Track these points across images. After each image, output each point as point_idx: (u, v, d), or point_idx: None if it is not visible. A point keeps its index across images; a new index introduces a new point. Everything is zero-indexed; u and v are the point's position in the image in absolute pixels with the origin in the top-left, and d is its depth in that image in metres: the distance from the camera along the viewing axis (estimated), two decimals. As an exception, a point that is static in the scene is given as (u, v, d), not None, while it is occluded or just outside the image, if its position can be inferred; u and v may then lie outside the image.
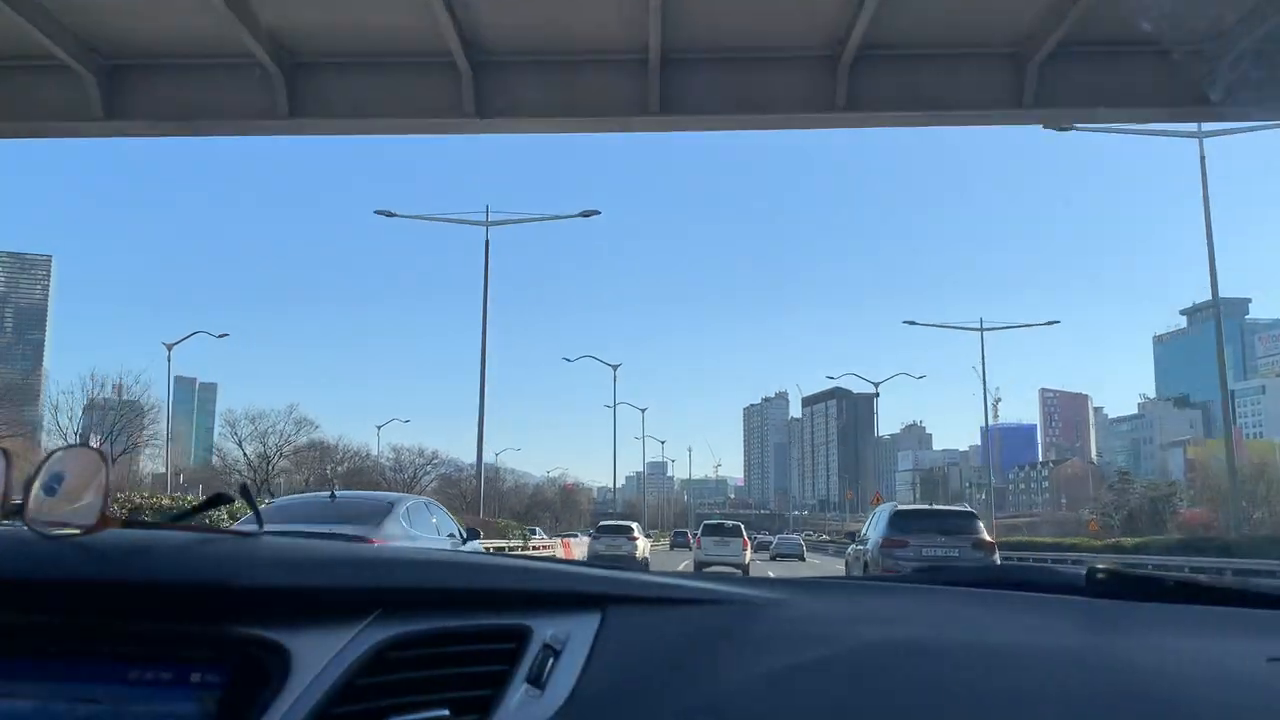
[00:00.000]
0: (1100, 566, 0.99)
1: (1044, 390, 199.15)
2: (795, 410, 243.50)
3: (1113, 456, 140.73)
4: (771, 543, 39.40)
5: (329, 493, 9.03)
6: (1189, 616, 0.84)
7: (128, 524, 0.72)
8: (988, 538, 12.50)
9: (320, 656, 0.63)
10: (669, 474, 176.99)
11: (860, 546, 14.16)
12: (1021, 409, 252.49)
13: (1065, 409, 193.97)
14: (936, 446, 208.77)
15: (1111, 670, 0.70)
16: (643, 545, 26.10)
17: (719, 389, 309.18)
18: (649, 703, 0.65)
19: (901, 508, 14.10)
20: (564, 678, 0.67)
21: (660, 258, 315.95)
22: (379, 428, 68.29)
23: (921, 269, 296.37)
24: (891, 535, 12.37)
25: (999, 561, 12.43)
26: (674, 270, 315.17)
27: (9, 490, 0.72)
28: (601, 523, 30.29)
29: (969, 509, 15.17)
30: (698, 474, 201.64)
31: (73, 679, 0.64)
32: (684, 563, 24.85)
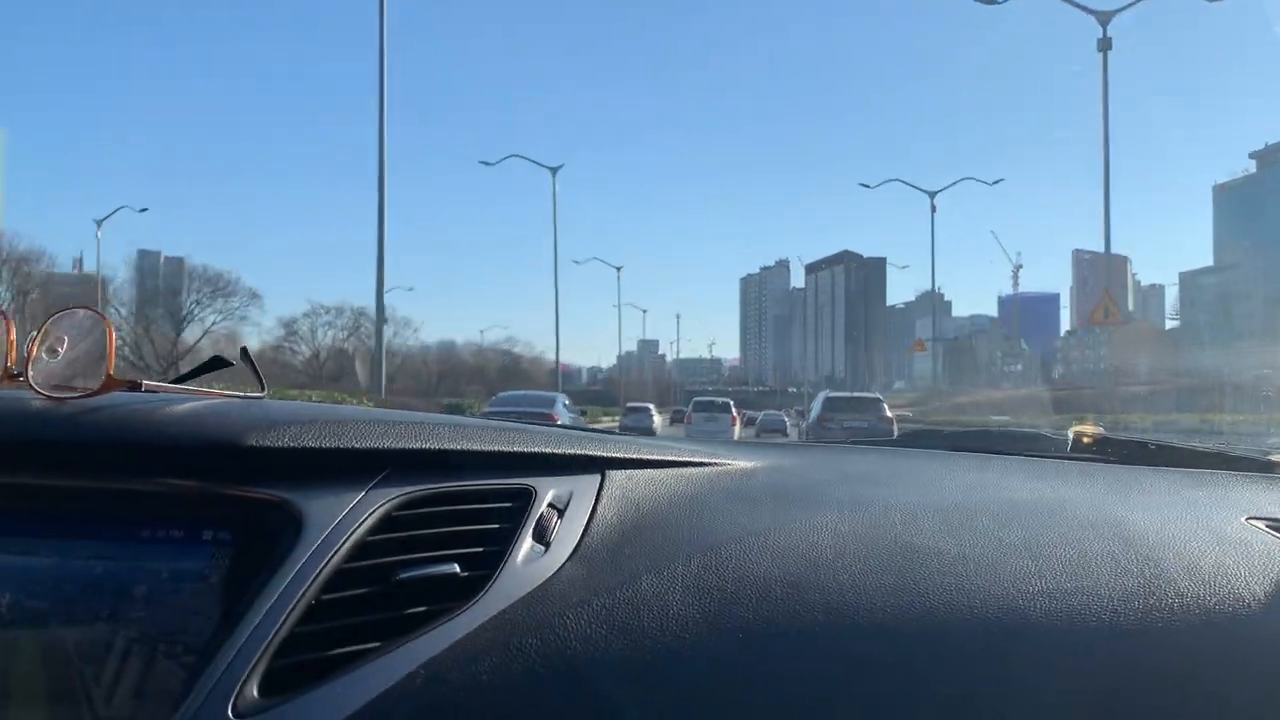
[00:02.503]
0: (1086, 430, 1.00)
1: (1078, 252, 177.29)
2: (798, 280, 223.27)
3: (1191, 318, 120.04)
4: (757, 418, 39.78)
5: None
6: (1173, 479, 0.88)
7: (132, 386, 0.71)
8: (889, 414, 17.51)
9: (330, 515, 0.63)
10: (659, 352, 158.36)
11: (804, 422, 22.79)
12: (1045, 277, 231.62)
13: (1101, 273, 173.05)
14: (956, 314, 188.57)
15: (1111, 528, 0.72)
16: (658, 421, 32.00)
17: (714, 261, 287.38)
18: (650, 555, 0.67)
19: (830, 395, 21.08)
20: (567, 535, 0.68)
21: (639, 115, 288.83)
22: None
23: (942, 125, 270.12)
24: (822, 414, 17.70)
25: (895, 432, 15.29)
26: (655, 128, 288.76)
27: (12, 355, 0.71)
28: (629, 405, 35.26)
29: (877, 395, 20.99)
30: (692, 352, 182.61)
31: (88, 537, 0.65)
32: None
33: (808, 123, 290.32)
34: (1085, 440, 1.07)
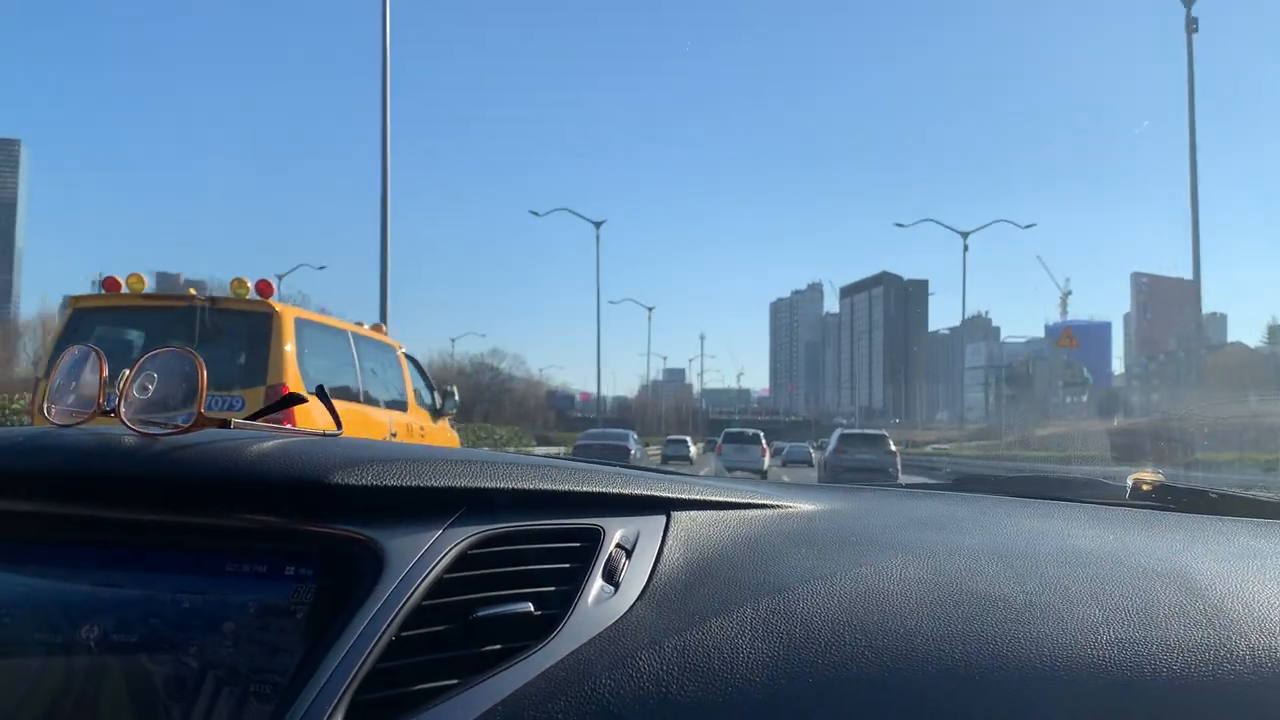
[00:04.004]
0: (1146, 476, 0.99)
1: (1137, 275, 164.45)
2: (831, 305, 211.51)
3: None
4: (784, 449, 41.71)
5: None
6: (1238, 528, 0.86)
7: (223, 424, 0.74)
8: (893, 449, 20.61)
9: (410, 553, 0.64)
10: (686, 380, 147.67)
11: (822, 454, 23.48)
12: (1095, 303, 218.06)
13: (1164, 297, 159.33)
14: (1005, 339, 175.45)
15: (1178, 578, 0.72)
16: (694, 450, 37.69)
17: (742, 289, 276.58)
18: (718, 597, 0.67)
19: (844, 432, 22.61)
20: (636, 575, 0.69)
21: (673, 135, 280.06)
22: (453, 340, 58.63)
23: (984, 150, 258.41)
24: (837, 447, 20.40)
25: (899, 465, 20.22)
26: (690, 151, 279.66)
27: (103, 391, 0.73)
28: (669, 437, 42.56)
29: (883, 432, 22.79)
30: (720, 382, 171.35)
31: (175, 571, 0.67)
32: (705, 469, 26.30)
33: (840, 147, 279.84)
34: (1144, 487, 1.05)
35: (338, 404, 3.37)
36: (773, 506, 0.83)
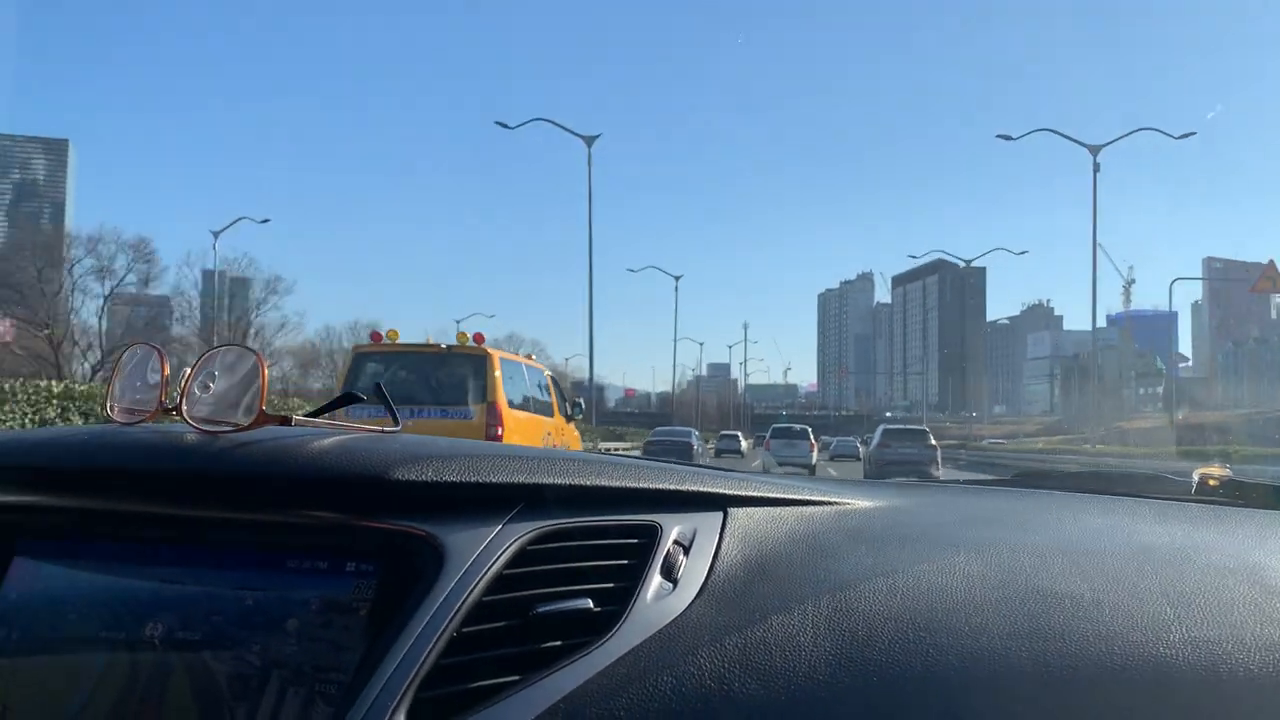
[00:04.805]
0: (1213, 471, 0.98)
1: (1209, 260, 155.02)
2: (882, 295, 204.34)
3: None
4: (831, 444, 41.77)
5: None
6: None
7: (284, 421, 0.75)
8: (933, 443, 20.46)
9: (470, 549, 0.65)
10: (730, 376, 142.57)
11: (867, 448, 25.00)
12: (1155, 294, 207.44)
13: (1239, 283, 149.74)
14: (1069, 328, 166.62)
15: (1250, 575, 0.71)
16: (745, 445, 39.89)
17: (789, 283, 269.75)
18: (778, 594, 0.67)
19: (886, 427, 23.23)
20: (694, 572, 0.69)
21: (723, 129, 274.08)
22: (459, 322, 61.00)
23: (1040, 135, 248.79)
24: (881, 441, 20.92)
25: (939, 459, 20.36)
26: (736, 145, 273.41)
27: (165, 390, 0.75)
28: (722, 432, 44.57)
29: (924, 428, 23.01)
30: (767, 377, 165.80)
31: (237, 568, 0.68)
32: (755, 462, 28.36)
33: (883, 134, 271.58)
34: (1211, 483, 1.04)
35: (517, 414, 8.82)
36: (830, 503, 0.82)
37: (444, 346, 9.35)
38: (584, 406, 13.01)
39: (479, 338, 9.42)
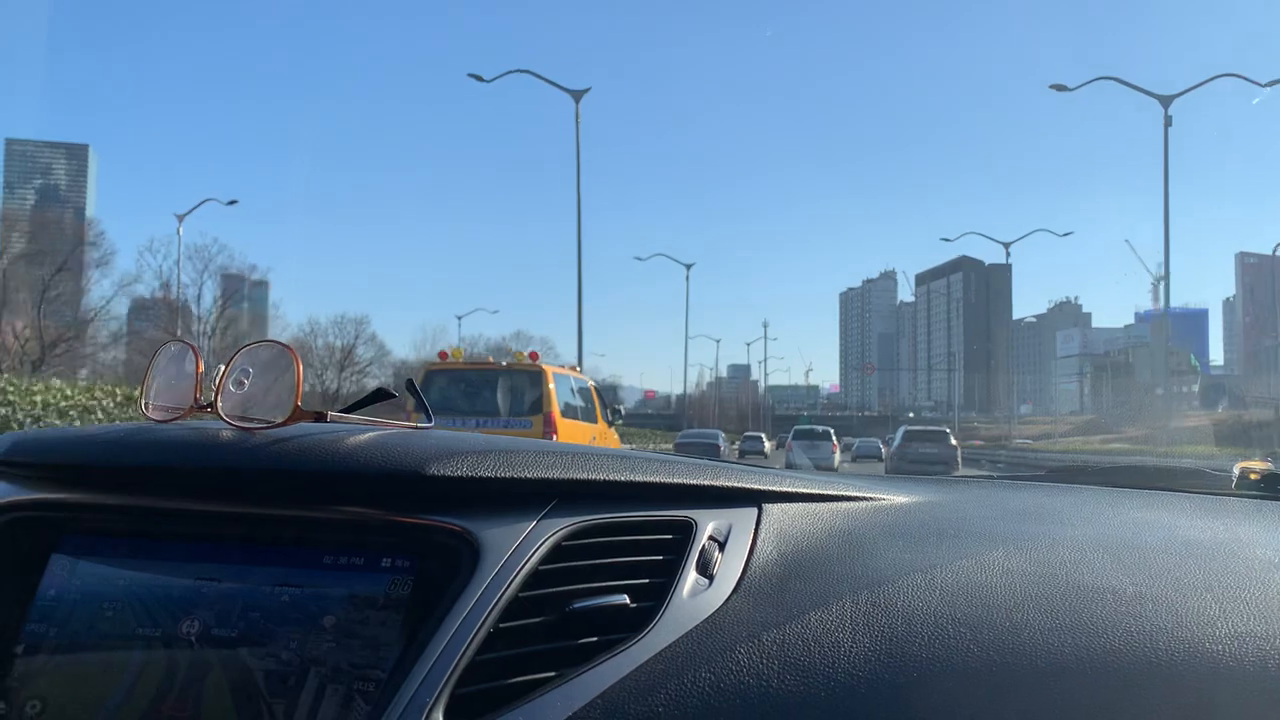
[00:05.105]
0: (1254, 465, 0.98)
1: (1243, 255, 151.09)
2: (905, 294, 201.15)
3: None
4: (854, 445, 41.36)
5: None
6: None
7: (318, 417, 0.75)
8: (954, 443, 21.63)
9: (506, 544, 0.65)
10: (752, 377, 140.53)
11: (888, 448, 25.30)
12: (1189, 290, 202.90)
13: (1271, 280, 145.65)
14: (1098, 325, 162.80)
15: None
16: (768, 446, 40.33)
17: (811, 283, 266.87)
18: (815, 591, 0.66)
19: (908, 428, 23.91)
20: (730, 568, 0.69)
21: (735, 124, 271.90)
22: (460, 318, 62.65)
23: (1062, 135, 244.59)
24: (902, 441, 21.68)
25: (959, 459, 21.17)
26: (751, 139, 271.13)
27: (199, 387, 0.75)
28: (746, 434, 43.94)
29: (944, 429, 23.85)
30: (789, 379, 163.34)
31: (273, 564, 0.68)
32: (778, 464, 27.61)
33: (903, 133, 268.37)
34: (1252, 476, 1.03)
35: (568, 422, 10.19)
36: (865, 499, 0.82)
37: (504, 364, 10.70)
38: (622, 412, 14.90)
39: (534, 355, 10.74)
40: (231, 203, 44.51)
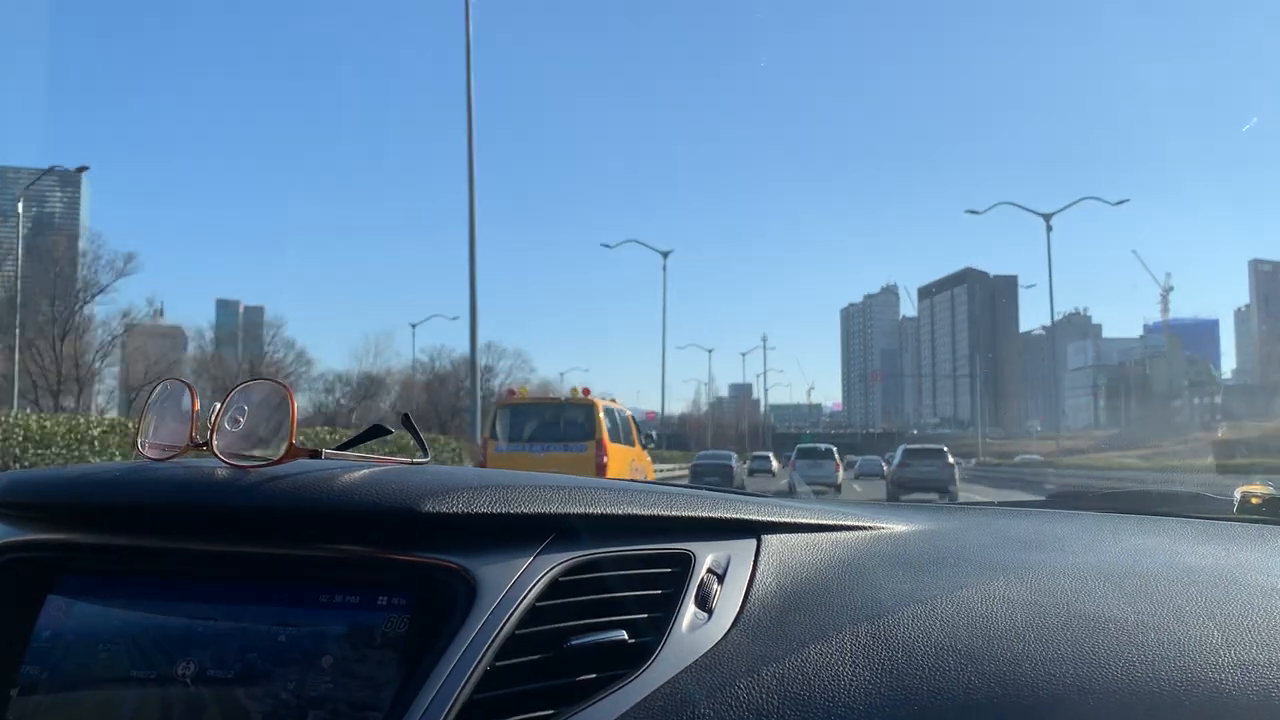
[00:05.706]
0: (1255, 490, 0.96)
1: (1256, 262, 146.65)
2: (908, 309, 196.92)
3: None
4: (856, 463, 40.43)
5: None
6: None
7: (313, 454, 0.74)
8: (951, 461, 21.59)
9: (503, 581, 0.64)
10: (754, 396, 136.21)
11: (889, 466, 25.13)
12: (1198, 301, 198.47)
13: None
14: (1108, 336, 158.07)
15: None
16: (776, 465, 39.16)
17: (811, 299, 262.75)
18: (814, 623, 0.66)
19: (906, 446, 23.87)
20: (729, 601, 0.68)
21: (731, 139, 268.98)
22: (413, 326, 60.89)
23: (1070, 143, 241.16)
24: (901, 460, 21.99)
25: (956, 476, 21.10)
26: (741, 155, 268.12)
27: (195, 425, 0.75)
28: (754, 454, 43.97)
29: (942, 447, 23.34)
30: (790, 397, 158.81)
31: (268, 603, 0.67)
32: (782, 480, 30.89)
33: (901, 146, 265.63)
34: (1254, 500, 1.01)
35: (615, 446, 13.20)
36: (864, 528, 0.81)
37: (562, 399, 14.19)
38: (655, 438, 18.97)
39: (585, 391, 13.41)
40: (82, 169, 41.79)
